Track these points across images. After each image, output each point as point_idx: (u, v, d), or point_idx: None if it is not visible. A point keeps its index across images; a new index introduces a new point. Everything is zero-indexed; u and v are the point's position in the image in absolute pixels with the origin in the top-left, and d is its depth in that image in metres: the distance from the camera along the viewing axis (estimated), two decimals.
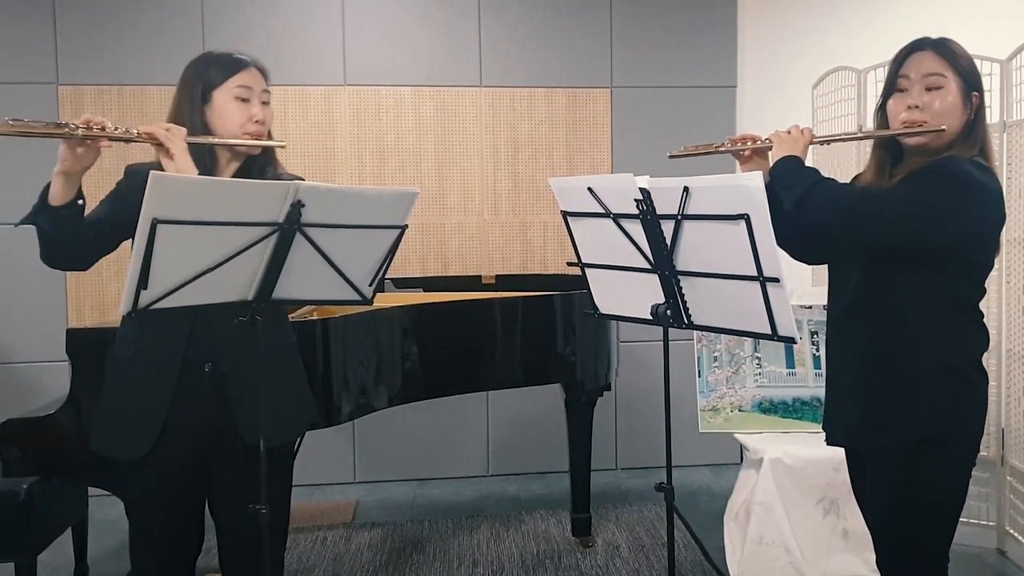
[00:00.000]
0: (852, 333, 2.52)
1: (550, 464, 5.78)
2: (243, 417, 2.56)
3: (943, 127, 2.41)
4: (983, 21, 5.48)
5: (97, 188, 2.57)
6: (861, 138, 2.64)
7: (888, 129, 2.52)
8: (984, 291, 2.50)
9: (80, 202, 2.42)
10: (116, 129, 2.37)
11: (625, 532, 4.77)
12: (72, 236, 2.46)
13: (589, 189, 2.52)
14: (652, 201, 2.38)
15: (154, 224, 2.07)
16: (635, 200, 2.39)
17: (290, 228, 2.27)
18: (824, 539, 3.83)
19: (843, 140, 2.72)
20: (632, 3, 5.77)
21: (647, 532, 4.76)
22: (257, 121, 2.61)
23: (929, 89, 2.44)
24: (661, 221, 2.40)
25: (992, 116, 4.31)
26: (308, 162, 5.54)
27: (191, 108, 2.58)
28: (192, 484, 2.64)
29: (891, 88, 2.53)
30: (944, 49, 2.47)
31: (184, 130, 2.48)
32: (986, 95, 4.18)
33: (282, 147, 2.71)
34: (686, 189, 2.28)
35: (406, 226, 2.47)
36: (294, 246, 2.31)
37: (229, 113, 2.59)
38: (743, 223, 2.20)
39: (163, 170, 2.36)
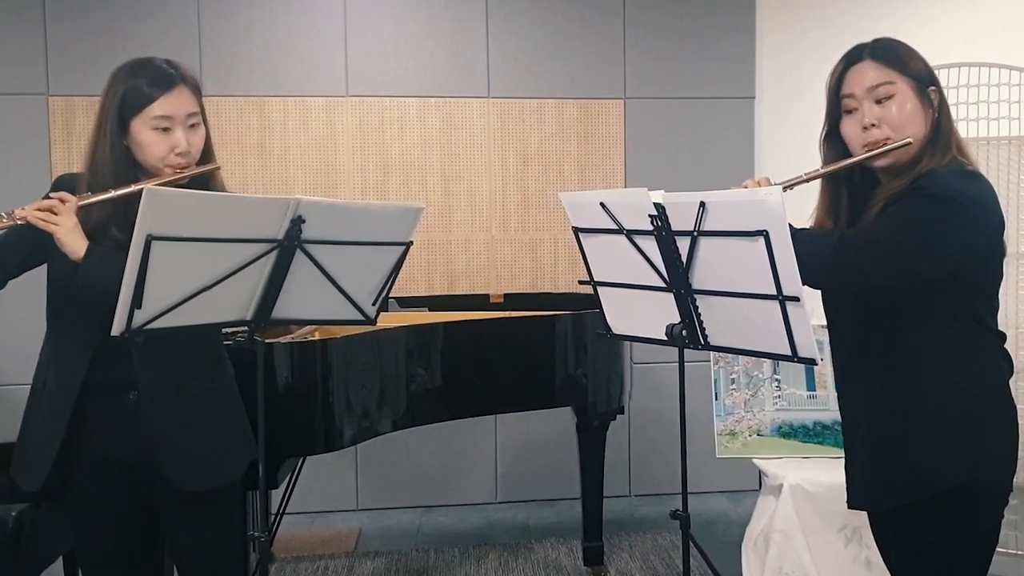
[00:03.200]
0: (861, 378, 2.43)
1: (561, 491, 5.77)
2: (165, 458, 2.50)
3: (909, 140, 2.30)
4: (1006, 29, 5.47)
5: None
6: (825, 174, 2.47)
7: (850, 157, 2.40)
8: (997, 307, 2.37)
9: None
10: None
11: (639, 561, 4.76)
12: None
13: (601, 204, 2.51)
14: (667, 217, 2.37)
15: (148, 241, 2.08)
16: (649, 216, 2.39)
17: (290, 245, 2.27)
18: (846, 569, 3.80)
19: (807, 181, 2.50)
20: (646, 10, 5.78)
21: (662, 561, 4.75)
22: (179, 153, 2.45)
23: (879, 101, 2.34)
24: (676, 237, 2.39)
25: (1020, 128, 4.30)
26: (309, 176, 5.55)
27: (112, 140, 2.45)
28: (134, 518, 2.61)
29: (836, 113, 2.44)
30: (882, 53, 2.38)
31: (74, 201, 2.35)
32: (1011, 107, 4.09)
33: (215, 169, 2.56)
34: (702, 204, 2.27)
35: (411, 243, 2.48)
36: (294, 264, 2.32)
37: (147, 146, 2.44)
38: (761, 240, 2.19)
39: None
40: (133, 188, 2.36)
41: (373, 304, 2.54)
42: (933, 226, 2.19)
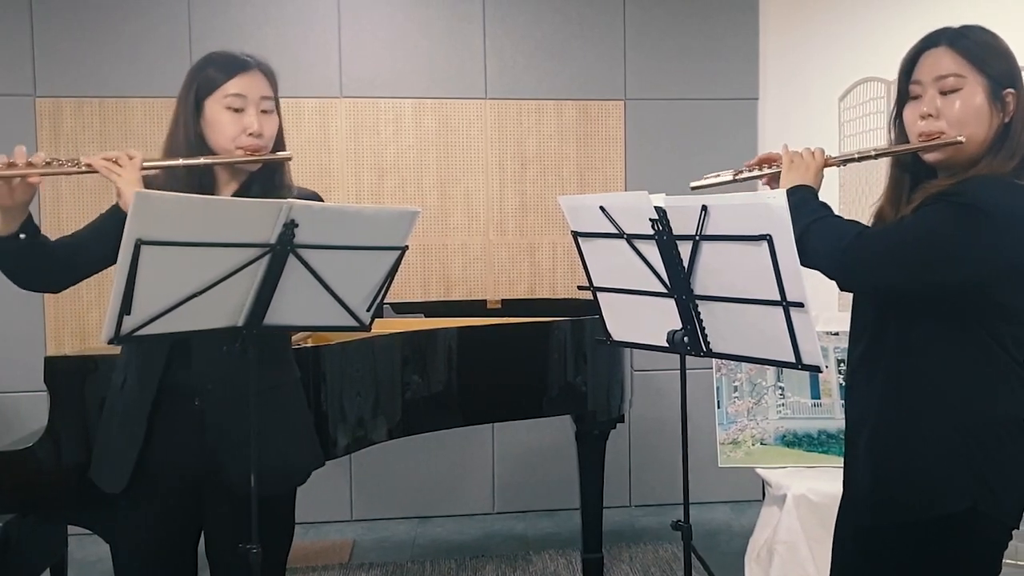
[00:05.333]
0: (868, 383, 2.37)
1: (560, 501, 5.77)
2: (231, 462, 2.51)
3: (961, 138, 2.19)
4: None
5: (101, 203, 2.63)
6: (876, 157, 2.44)
7: (907, 143, 2.34)
8: None
9: (22, 236, 2.39)
10: (51, 163, 2.36)
11: (640, 573, 4.76)
12: (22, 266, 2.46)
13: (601, 208, 2.51)
14: (668, 221, 2.37)
15: (138, 245, 2.07)
16: (650, 219, 2.39)
17: (283, 249, 2.27)
18: None
19: (858, 160, 2.53)
20: (647, 10, 5.79)
21: (663, 573, 4.75)
22: (251, 133, 2.55)
23: (944, 93, 2.23)
24: (678, 242, 2.39)
25: None
26: (302, 179, 5.45)
27: (185, 121, 2.56)
28: (182, 523, 2.63)
29: (904, 96, 2.34)
30: (961, 43, 2.25)
31: (140, 157, 2.45)
32: None
33: (287, 159, 2.68)
34: (704, 208, 2.27)
35: (406, 247, 2.47)
36: (287, 269, 2.31)
37: (220, 125, 2.55)
38: (765, 244, 2.18)
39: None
40: (202, 160, 2.53)
41: (368, 310, 2.54)
42: (951, 235, 2.12)
